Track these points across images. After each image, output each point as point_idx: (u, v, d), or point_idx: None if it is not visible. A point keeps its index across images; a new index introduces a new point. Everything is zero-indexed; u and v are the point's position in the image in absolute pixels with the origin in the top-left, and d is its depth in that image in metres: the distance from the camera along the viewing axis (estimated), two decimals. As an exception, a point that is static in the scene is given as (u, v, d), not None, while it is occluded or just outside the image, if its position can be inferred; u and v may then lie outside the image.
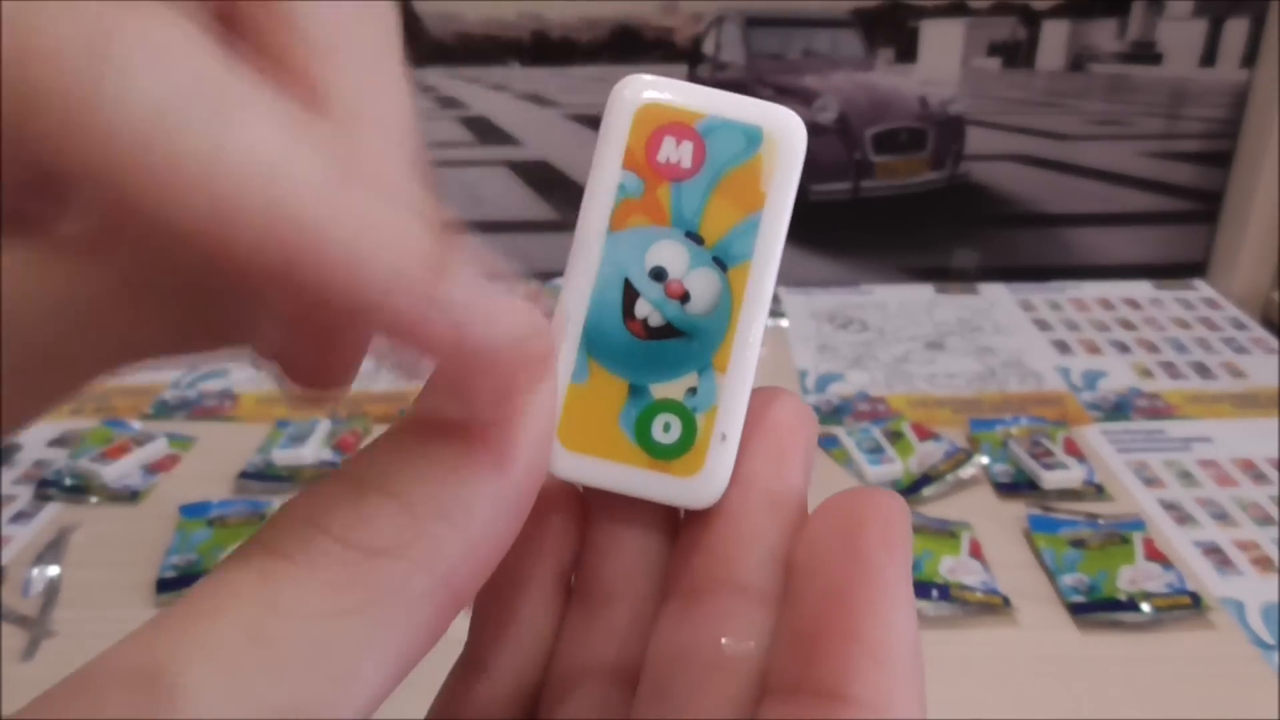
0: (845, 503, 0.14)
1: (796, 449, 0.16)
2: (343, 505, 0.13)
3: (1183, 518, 0.67)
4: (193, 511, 0.67)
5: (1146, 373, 0.86)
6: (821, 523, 0.14)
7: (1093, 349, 0.90)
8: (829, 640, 0.13)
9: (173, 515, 0.67)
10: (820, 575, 0.14)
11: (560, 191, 1.02)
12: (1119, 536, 0.63)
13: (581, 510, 0.17)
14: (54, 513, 0.69)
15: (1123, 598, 0.58)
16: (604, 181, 0.16)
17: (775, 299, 0.97)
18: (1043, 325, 0.94)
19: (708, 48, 0.98)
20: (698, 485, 0.16)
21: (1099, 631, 0.58)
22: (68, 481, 0.71)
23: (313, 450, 0.73)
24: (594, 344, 0.16)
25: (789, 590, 0.14)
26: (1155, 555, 0.61)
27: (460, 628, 0.18)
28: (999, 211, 1.03)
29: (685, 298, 0.16)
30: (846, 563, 0.14)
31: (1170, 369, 0.86)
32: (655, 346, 0.16)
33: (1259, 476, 0.71)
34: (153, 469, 0.73)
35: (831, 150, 0.99)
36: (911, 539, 0.14)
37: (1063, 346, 0.90)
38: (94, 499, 0.70)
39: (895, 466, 0.71)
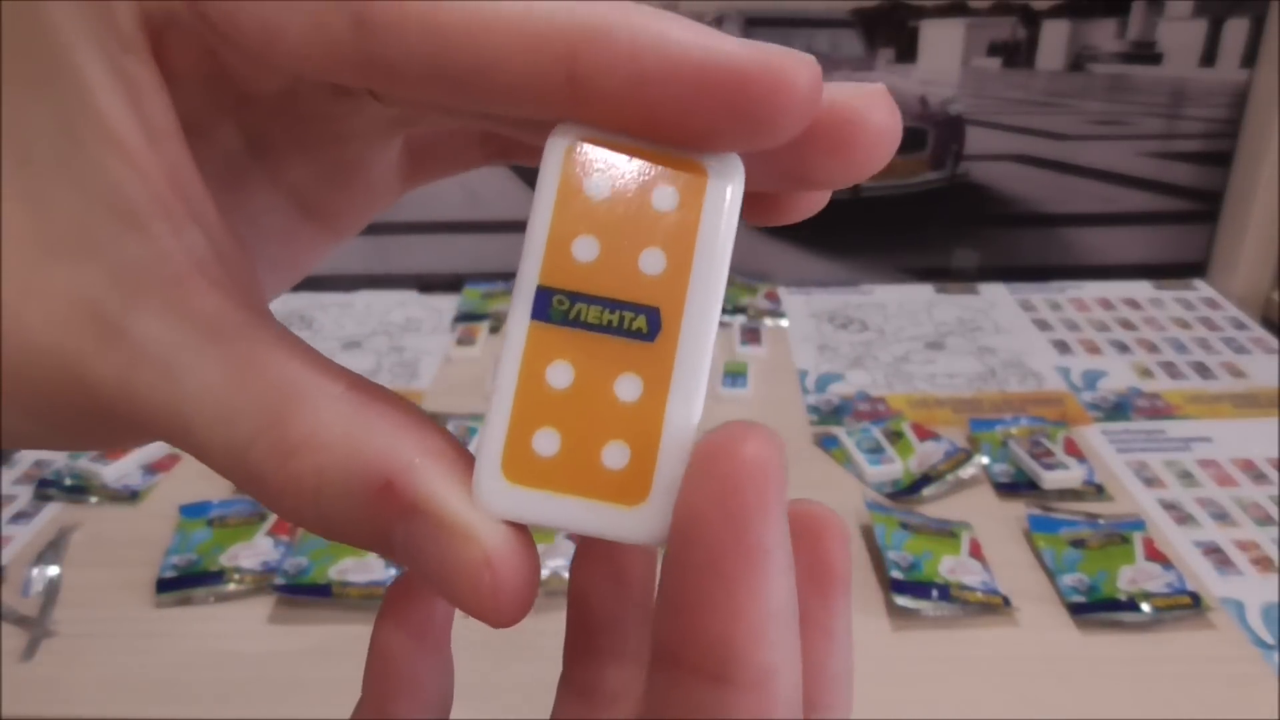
0: (719, 453, 0.14)
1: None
2: None
3: (1183, 518, 0.67)
4: (193, 511, 0.67)
5: (1146, 373, 0.86)
6: (698, 475, 0.14)
7: (1093, 349, 0.90)
8: (708, 615, 0.13)
9: (173, 515, 0.67)
10: (696, 540, 0.13)
11: (560, 191, 1.02)
12: (1119, 536, 0.63)
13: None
14: (54, 513, 0.69)
15: (1123, 598, 0.58)
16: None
17: (775, 299, 0.97)
18: (1043, 325, 0.94)
19: (708, 48, 0.98)
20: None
21: (1099, 631, 0.58)
22: (68, 481, 0.71)
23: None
24: None
25: (669, 545, 0.14)
26: (1155, 555, 0.61)
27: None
28: (999, 211, 1.03)
29: None
30: (723, 530, 0.13)
31: (1170, 369, 0.86)
32: None
33: (1259, 476, 0.71)
34: (153, 469, 0.73)
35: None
36: (786, 485, 0.14)
37: (1063, 346, 0.90)
38: (94, 499, 0.70)
39: (895, 466, 0.71)
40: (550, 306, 0.15)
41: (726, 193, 0.15)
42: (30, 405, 0.16)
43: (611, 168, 0.15)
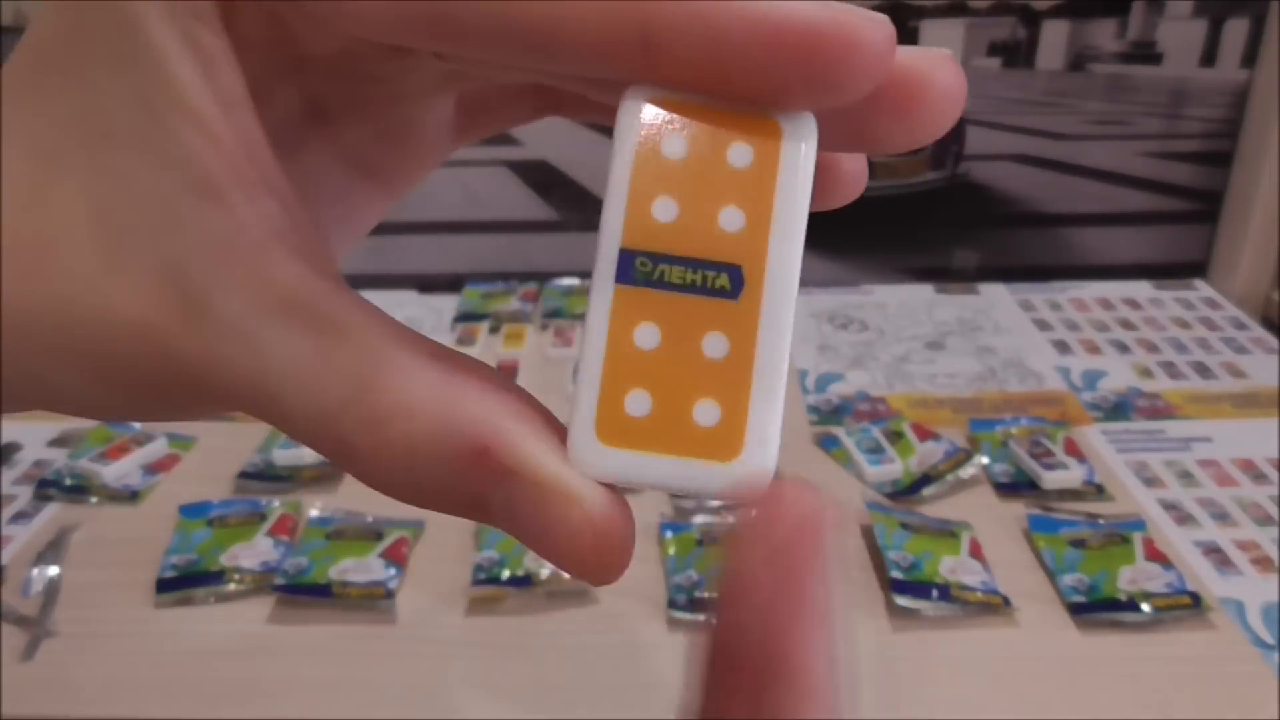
0: (770, 517, 0.14)
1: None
2: None
3: (1183, 518, 0.67)
4: (193, 511, 0.67)
5: (1146, 373, 0.86)
6: (751, 541, 0.14)
7: (1093, 349, 0.90)
8: (770, 677, 0.14)
9: (173, 515, 0.67)
10: (752, 605, 0.14)
11: (560, 191, 1.02)
12: (1119, 536, 0.63)
13: None
14: (54, 513, 0.69)
15: (1123, 598, 0.58)
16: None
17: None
18: (1043, 325, 0.94)
19: (708, 48, 0.98)
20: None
21: (1099, 631, 0.58)
22: (68, 481, 0.71)
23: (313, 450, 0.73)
24: None
25: (722, 610, 0.14)
26: (1155, 555, 0.61)
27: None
28: (999, 211, 1.03)
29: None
30: (779, 594, 0.14)
31: (1170, 369, 0.86)
32: None
33: (1259, 476, 0.71)
34: (153, 469, 0.73)
35: (831, 150, 0.99)
36: (833, 543, 0.14)
37: (1063, 346, 0.90)
38: (94, 499, 0.70)
39: (895, 466, 0.71)
40: (634, 268, 0.15)
41: (801, 148, 0.15)
42: (115, 378, 0.16)
43: (686, 128, 0.15)
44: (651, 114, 0.15)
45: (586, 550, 0.15)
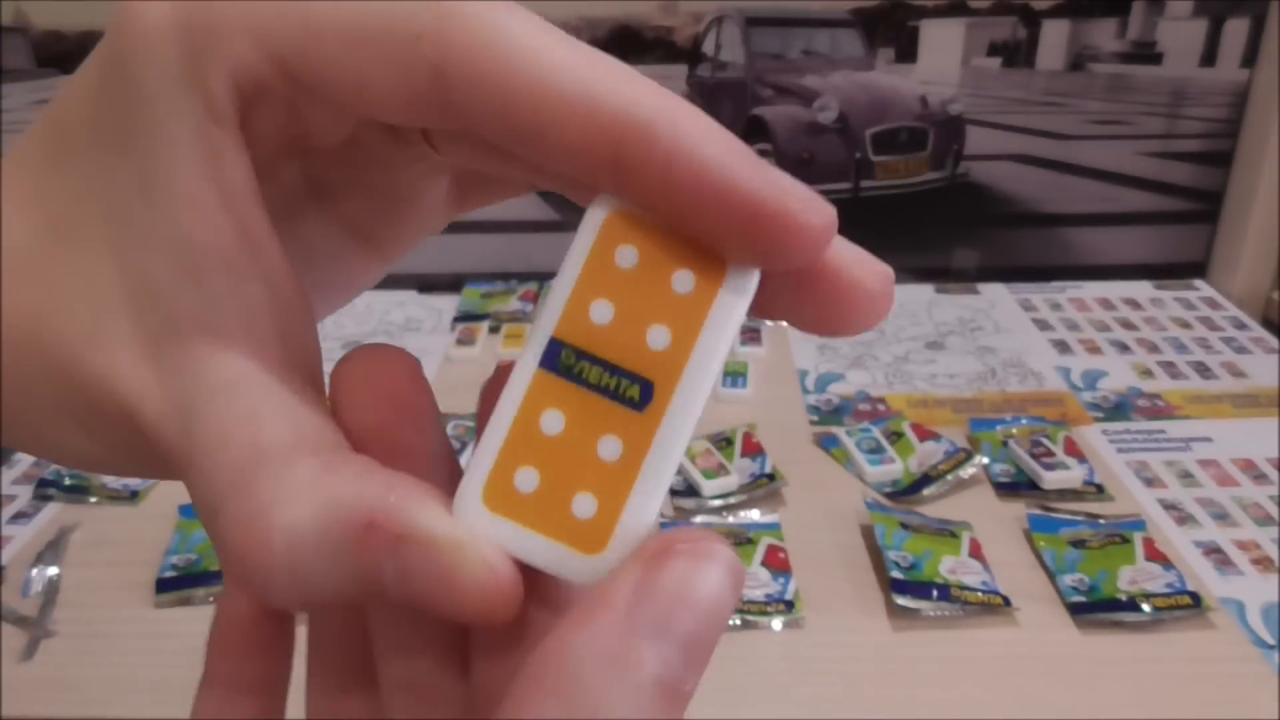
0: (379, 360, 0.17)
1: None
2: None
3: (1183, 518, 0.67)
4: (192, 511, 0.67)
5: (1147, 373, 0.86)
6: (366, 383, 0.17)
7: (1093, 349, 0.90)
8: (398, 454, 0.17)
9: (172, 515, 0.67)
10: (377, 405, 0.17)
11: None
12: (1119, 536, 0.63)
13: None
14: (54, 513, 0.69)
15: (1123, 598, 0.58)
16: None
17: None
18: (1043, 325, 0.94)
19: (708, 47, 0.98)
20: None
21: (1099, 631, 0.58)
22: (67, 481, 0.71)
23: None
24: None
25: (347, 411, 0.17)
26: (1155, 555, 0.61)
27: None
28: (999, 211, 1.03)
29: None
30: (404, 398, 0.17)
31: (1170, 369, 0.86)
32: None
33: (1259, 476, 0.71)
34: (153, 469, 0.73)
35: (832, 150, 0.99)
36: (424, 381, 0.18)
37: (1063, 346, 0.90)
38: (94, 499, 0.70)
39: (895, 466, 0.71)
40: (559, 358, 0.16)
41: (739, 291, 0.16)
42: (106, 437, 0.17)
43: (642, 243, 0.16)
44: (614, 222, 0.16)
45: (490, 591, 0.15)
